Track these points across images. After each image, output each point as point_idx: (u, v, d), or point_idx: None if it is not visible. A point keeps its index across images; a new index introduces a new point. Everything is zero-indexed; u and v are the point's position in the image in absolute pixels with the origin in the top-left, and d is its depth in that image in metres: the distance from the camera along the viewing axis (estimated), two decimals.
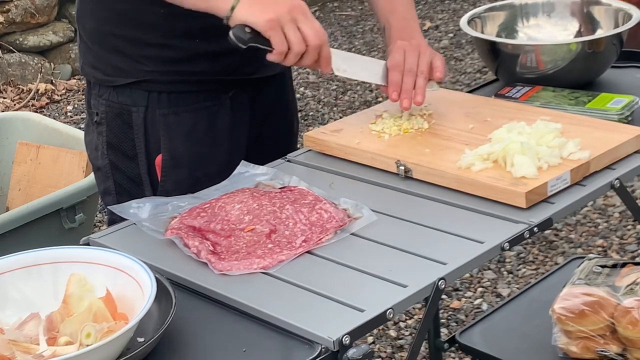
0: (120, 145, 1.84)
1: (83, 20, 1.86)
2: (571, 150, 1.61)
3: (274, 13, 1.60)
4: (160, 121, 1.81)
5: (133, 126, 1.81)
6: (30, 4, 5.53)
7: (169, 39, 1.77)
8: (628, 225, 3.51)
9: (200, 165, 1.82)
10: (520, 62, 1.99)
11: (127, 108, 1.81)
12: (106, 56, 1.82)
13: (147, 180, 1.83)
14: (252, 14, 1.61)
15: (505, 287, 3.24)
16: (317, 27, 1.64)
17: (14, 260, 1.38)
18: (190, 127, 1.81)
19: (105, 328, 1.23)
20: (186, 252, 1.47)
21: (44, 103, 5.35)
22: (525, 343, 1.95)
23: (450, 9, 6.26)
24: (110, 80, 1.82)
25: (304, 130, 4.61)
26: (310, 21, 1.63)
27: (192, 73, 1.79)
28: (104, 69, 1.83)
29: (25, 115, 3.56)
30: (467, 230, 1.48)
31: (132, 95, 1.81)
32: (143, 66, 1.79)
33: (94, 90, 1.86)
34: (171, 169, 1.81)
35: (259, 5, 1.62)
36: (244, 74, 1.84)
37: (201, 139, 1.82)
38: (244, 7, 1.62)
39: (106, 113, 1.83)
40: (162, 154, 1.81)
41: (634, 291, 1.81)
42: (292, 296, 1.35)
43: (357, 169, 1.73)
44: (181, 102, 1.81)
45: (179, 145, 1.81)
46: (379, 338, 3.05)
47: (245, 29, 1.63)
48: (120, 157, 1.84)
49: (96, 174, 1.92)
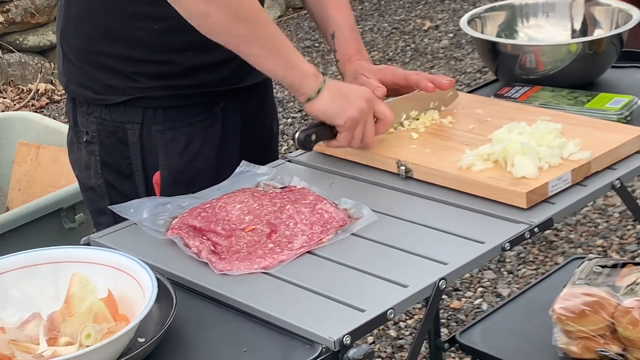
0: (115, 163, 1.80)
1: (67, 39, 1.80)
2: (572, 150, 1.62)
3: (358, 111, 1.62)
4: (157, 137, 1.78)
5: (129, 144, 1.78)
6: (30, 4, 5.53)
7: (163, 54, 1.73)
8: (628, 225, 3.51)
9: (197, 179, 1.79)
10: (520, 62, 1.99)
11: (121, 126, 1.78)
12: (96, 74, 1.77)
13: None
14: (337, 107, 1.62)
15: (506, 287, 3.24)
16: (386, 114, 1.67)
17: (14, 260, 1.38)
18: (186, 142, 1.79)
19: (106, 329, 1.23)
20: (187, 252, 1.47)
21: (44, 103, 5.35)
22: (525, 343, 1.95)
23: (450, 9, 6.26)
24: (102, 99, 1.78)
25: None
26: (372, 117, 1.65)
27: (186, 87, 1.76)
28: (95, 87, 1.78)
29: (25, 115, 3.55)
30: (468, 231, 1.48)
31: (127, 112, 1.77)
32: (137, 83, 1.75)
33: (80, 109, 1.81)
34: (170, 186, 1.79)
35: (344, 98, 1.62)
36: (233, 83, 1.82)
37: (196, 153, 1.80)
38: (328, 97, 1.61)
39: (98, 132, 1.79)
40: (161, 171, 1.79)
41: (634, 291, 1.81)
42: (293, 296, 1.35)
43: (358, 169, 1.73)
44: (177, 116, 1.78)
45: (176, 161, 1.79)
46: (379, 338, 3.05)
47: (312, 137, 1.65)
48: (115, 176, 1.81)
49: (86, 193, 1.88)
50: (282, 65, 1.62)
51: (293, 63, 1.62)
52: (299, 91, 1.63)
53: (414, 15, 6.23)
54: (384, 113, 1.68)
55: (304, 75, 1.62)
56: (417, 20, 6.12)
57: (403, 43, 5.73)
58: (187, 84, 1.76)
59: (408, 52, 5.63)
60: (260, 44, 1.61)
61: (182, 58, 1.75)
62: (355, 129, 1.64)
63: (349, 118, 1.62)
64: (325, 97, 1.62)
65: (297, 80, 1.62)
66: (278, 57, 1.62)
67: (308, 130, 1.66)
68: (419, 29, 5.97)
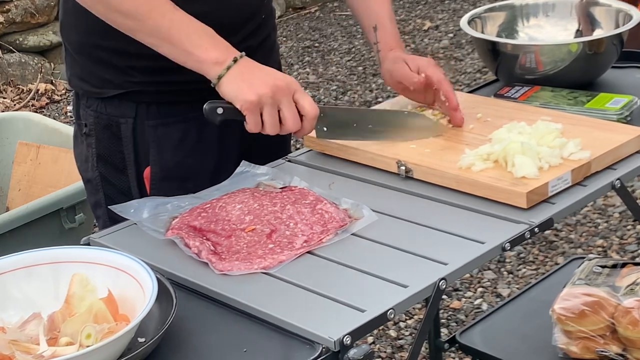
0: (109, 157, 1.82)
1: (68, 33, 1.83)
2: (572, 150, 1.62)
3: (256, 95, 1.59)
4: (150, 132, 1.79)
5: (122, 138, 1.79)
6: (30, 4, 5.53)
7: None
8: (628, 225, 3.51)
9: (191, 176, 1.80)
10: (520, 62, 1.99)
11: (115, 120, 1.79)
12: (93, 68, 1.79)
13: (137, 192, 1.80)
14: (234, 90, 1.60)
15: (505, 287, 3.24)
16: (307, 107, 1.62)
17: (14, 260, 1.38)
18: (179, 138, 1.79)
19: (106, 329, 1.23)
20: (187, 252, 1.47)
21: (44, 103, 5.35)
22: (525, 343, 1.95)
23: (450, 9, 6.27)
24: (98, 92, 1.80)
25: None
26: (290, 105, 1.62)
27: (180, 82, 1.76)
28: (92, 80, 1.80)
29: (25, 115, 3.56)
30: (468, 231, 1.48)
31: (121, 106, 1.78)
32: (131, 77, 1.76)
33: (82, 101, 1.84)
34: (160, 181, 1.79)
35: (245, 82, 1.60)
36: None
37: (191, 150, 1.80)
38: (229, 80, 1.60)
39: (95, 125, 1.81)
40: (151, 166, 1.79)
41: (634, 291, 1.81)
42: (293, 296, 1.35)
43: (358, 169, 1.73)
44: (170, 112, 1.79)
45: (168, 157, 1.79)
46: (379, 338, 3.05)
47: (218, 110, 1.63)
48: (110, 169, 1.82)
49: (86, 185, 1.90)
50: (178, 54, 1.63)
51: (188, 51, 1.62)
52: (207, 72, 1.63)
53: (414, 15, 6.23)
54: (305, 108, 1.63)
55: (201, 63, 1.62)
56: (417, 20, 6.13)
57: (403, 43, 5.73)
58: (181, 80, 1.76)
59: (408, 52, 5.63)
60: (150, 34, 1.64)
61: None
62: (259, 113, 1.61)
63: (245, 101, 1.59)
64: (225, 81, 1.61)
65: (196, 66, 1.63)
66: (170, 46, 1.63)
67: (216, 103, 1.64)
68: (419, 29, 5.97)
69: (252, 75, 1.61)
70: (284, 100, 1.61)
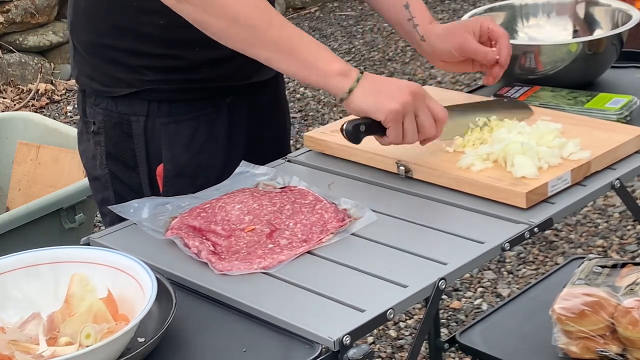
0: (119, 155, 1.82)
1: (77, 33, 1.83)
2: (571, 150, 1.62)
3: (400, 104, 1.53)
4: (161, 130, 1.79)
5: (133, 136, 1.79)
6: (30, 4, 5.53)
7: (169, 48, 1.74)
8: (628, 225, 3.51)
9: (201, 173, 1.80)
10: (519, 62, 1.99)
11: (126, 118, 1.79)
12: (104, 67, 1.79)
13: (148, 190, 1.81)
14: (374, 103, 1.54)
15: (505, 287, 3.24)
16: (438, 111, 1.58)
17: (14, 260, 1.38)
18: (190, 136, 1.80)
19: (105, 329, 1.23)
20: (186, 252, 1.47)
21: (44, 103, 5.35)
22: (525, 343, 1.95)
23: (450, 9, 6.27)
24: (109, 91, 1.80)
25: (304, 130, 4.62)
26: (427, 111, 1.57)
27: (192, 81, 1.77)
28: (102, 79, 1.80)
29: (25, 115, 3.56)
30: (468, 231, 1.48)
31: (132, 105, 1.79)
32: (143, 76, 1.76)
33: (89, 99, 1.84)
34: (173, 179, 1.80)
35: (381, 93, 1.54)
36: (241, 79, 1.82)
37: (201, 147, 1.81)
38: (363, 93, 1.54)
39: (104, 122, 1.81)
40: (164, 164, 1.80)
41: (634, 291, 1.81)
42: (293, 296, 1.35)
43: (357, 169, 1.73)
44: (181, 110, 1.79)
45: (180, 154, 1.80)
46: (379, 338, 3.06)
47: (361, 127, 1.56)
48: (120, 167, 1.82)
49: (93, 183, 1.90)
50: (299, 67, 1.57)
51: (311, 64, 1.56)
52: (329, 91, 1.57)
53: None
54: (437, 112, 1.58)
55: (327, 75, 1.56)
56: None
57: (403, 43, 5.73)
58: (193, 79, 1.77)
59: (408, 52, 5.63)
60: (267, 47, 1.58)
61: (188, 53, 1.75)
62: (402, 123, 1.56)
63: (390, 112, 1.54)
64: (359, 94, 1.55)
65: (321, 80, 1.56)
66: (291, 59, 1.57)
67: (356, 121, 1.58)
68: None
69: (384, 85, 1.57)
70: (421, 107, 1.56)
